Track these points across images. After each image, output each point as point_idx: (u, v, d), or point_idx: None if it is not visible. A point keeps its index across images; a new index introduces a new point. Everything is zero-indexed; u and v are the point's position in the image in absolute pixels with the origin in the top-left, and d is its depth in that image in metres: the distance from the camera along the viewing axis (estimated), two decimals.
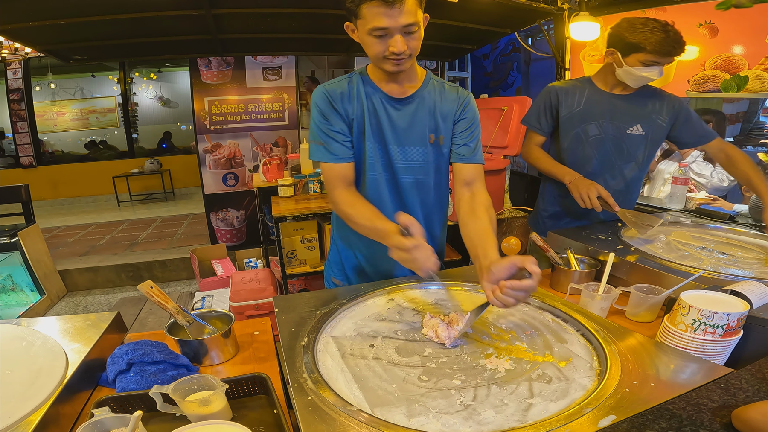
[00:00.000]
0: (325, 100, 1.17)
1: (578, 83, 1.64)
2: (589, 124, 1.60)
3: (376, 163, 1.22)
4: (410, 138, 1.21)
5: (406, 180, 1.24)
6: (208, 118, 4.22)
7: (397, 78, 1.17)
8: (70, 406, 0.77)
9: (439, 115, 1.21)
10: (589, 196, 1.44)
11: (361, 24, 1.05)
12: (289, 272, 2.72)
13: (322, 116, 1.17)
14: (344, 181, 1.19)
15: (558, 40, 3.13)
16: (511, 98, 3.05)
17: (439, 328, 0.90)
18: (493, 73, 6.84)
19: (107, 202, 7.38)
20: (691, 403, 0.63)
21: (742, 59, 2.29)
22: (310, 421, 0.65)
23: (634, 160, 1.63)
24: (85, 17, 2.78)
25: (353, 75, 1.21)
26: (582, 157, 1.63)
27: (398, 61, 1.07)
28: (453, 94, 1.23)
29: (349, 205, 1.15)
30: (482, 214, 1.12)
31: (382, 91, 1.18)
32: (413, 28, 1.03)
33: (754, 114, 3.77)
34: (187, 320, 0.99)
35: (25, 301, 3.45)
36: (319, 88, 1.18)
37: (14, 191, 3.58)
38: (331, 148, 1.17)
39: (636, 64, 1.44)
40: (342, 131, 1.18)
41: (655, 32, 1.38)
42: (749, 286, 0.95)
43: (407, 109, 1.19)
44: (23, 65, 6.65)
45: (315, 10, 3.09)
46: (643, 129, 1.59)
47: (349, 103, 1.17)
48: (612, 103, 1.58)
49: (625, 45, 1.45)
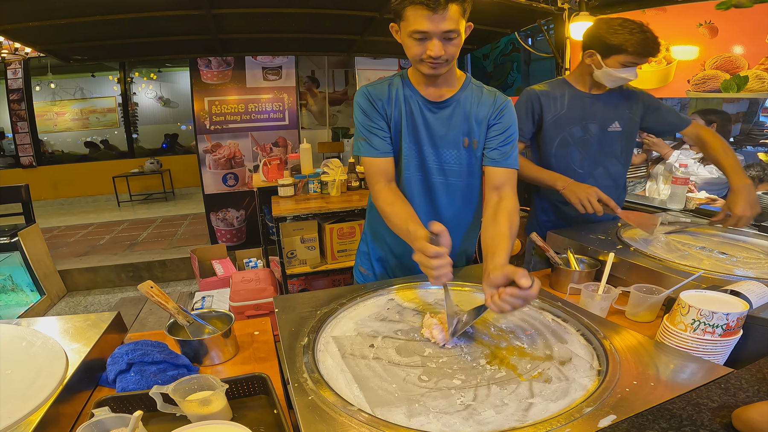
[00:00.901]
0: (366, 99, 1.23)
1: (557, 86, 1.63)
2: (574, 127, 1.60)
3: (410, 162, 1.26)
4: (445, 141, 1.24)
5: (438, 181, 1.28)
6: (208, 118, 4.22)
7: (436, 81, 1.20)
8: (70, 406, 0.77)
9: (474, 119, 1.23)
10: (590, 201, 1.43)
11: (403, 26, 1.09)
12: (289, 272, 2.72)
13: (364, 114, 1.23)
14: (385, 176, 1.23)
15: (558, 40, 3.13)
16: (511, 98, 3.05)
17: (434, 330, 0.90)
18: (493, 73, 6.84)
19: (107, 202, 7.38)
20: (691, 403, 0.63)
21: (742, 59, 2.29)
22: (311, 421, 0.65)
23: (616, 157, 1.66)
24: (85, 17, 2.78)
25: (394, 77, 1.26)
26: (571, 159, 1.63)
27: (435, 65, 1.11)
28: (490, 99, 1.25)
29: (388, 203, 1.17)
30: (503, 220, 1.12)
31: (420, 94, 1.22)
32: (453, 35, 1.06)
33: (754, 114, 3.78)
34: (187, 320, 0.99)
35: (25, 301, 3.45)
36: (361, 88, 1.25)
37: (14, 191, 3.58)
38: (372, 143, 1.22)
39: (616, 65, 1.45)
40: (382, 128, 1.23)
41: (635, 33, 1.38)
42: (749, 286, 0.95)
43: (443, 112, 1.23)
44: (23, 65, 6.64)
45: (315, 10, 3.09)
46: (620, 125, 1.61)
47: (388, 104, 1.23)
48: (592, 103, 1.59)
49: (606, 47, 1.44)
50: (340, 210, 2.66)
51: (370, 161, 1.23)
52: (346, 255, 2.78)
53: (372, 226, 1.44)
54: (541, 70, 5.99)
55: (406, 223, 1.07)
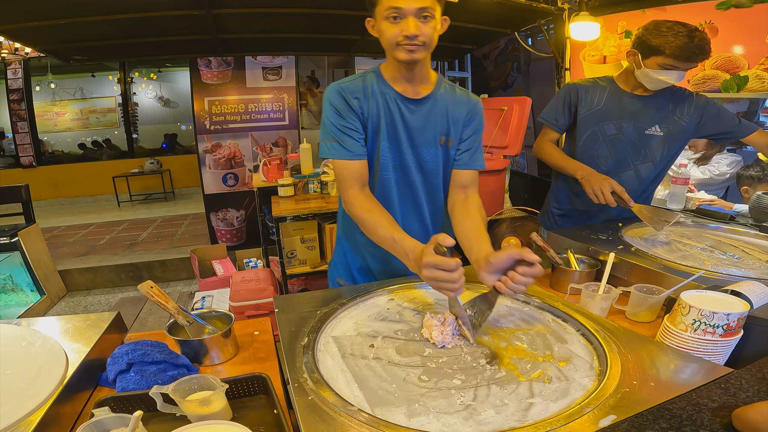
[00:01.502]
0: (339, 97, 1.15)
1: (600, 82, 1.63)
2: (607, 123, 1.58)
3: (388, 163, 1.21)
4: (423, 139, 1.21)
5: (417, 180, 1.25)
6: (208, 118, 4.22)
7: (411, 77, 1.17)
8: (70, 406, 0.77)
9: (450, 118, 1.22)
10: (603, 191, 1.41)
11: (378, 11, 1.07)
12: (289, 272, 2.72)
13: (336, 113, 1.16)
14: (359, 180, 1.17)
15: (558, 40, 3.13)
16: (511, 98, 3.05)
17: (433, 331, 0.90)
18: (493, 73, 6.84)
19: (107, 202, 7.38)
20: (691, 403, 0.63)
21: (742, 59, 2.29)
22: (311, 421, 0.65)
23: (651, 161, 1.62)
24: (85, 17, 2.78)
25: (367, 73, 1.20)
26: (597, 156, 1.61)
27: (411, 48, 1.07)
28: (464, 98, 1.24)
29: (365, 209, 1.12)
30: (476, 214, 1.16)
31: (396, 91, 1.18)
32: (427, 12, 1.04)
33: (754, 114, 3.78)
34: (187, 320, 0.99)
35: (25, 301, 3.45)
36: (332, 85, 1.17)
37: (14, 191, 3.58)
38: (345, 144, 1.15)
39: (654, 66, 1.43)
40: (356, 128, 1.16)
41: (679, 37, 1.36)
42: (749, 286, 0.95)
43: (421, 110, 1.19)
44: (23, 65, 6.65)
45: (315, 10, 3.09)
46: (661, 129, 1.57)
47: (365, 101, 1.16)
48: (632, 103, 1.57)
49: (646, 47, 1.43)
50: None
51: (342, 164, 1.16)
52: None
53: (349, 234, 1.36)
54: (541, 70, 5.98)
55: (390, 233, 1.03)
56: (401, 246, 0.99)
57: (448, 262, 0.86)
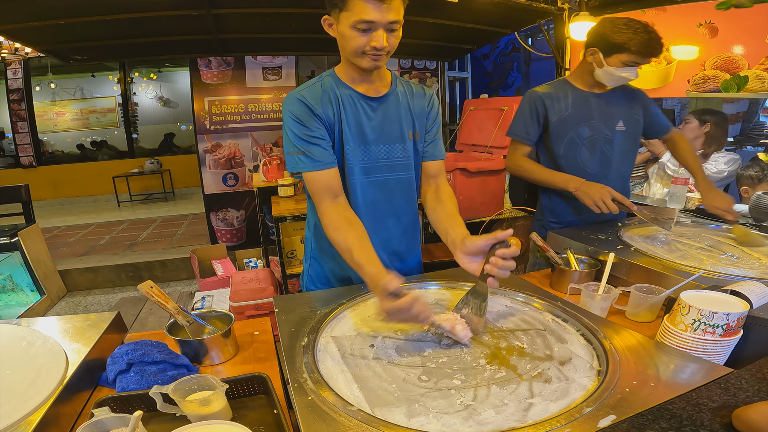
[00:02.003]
0: (301, 105, 1.12)
1: (559, 86, 1.63)
2: (581, 126, 1.59)
3: (355, 165, 1.18)
4: (391, 136, 1.21)
5: (390, 178, 1.24)
6: (208, 118, 4.22)
7: (370, 77, 1.17)
8: (70, 406, 0.77)
9: (413, 112, 1.23)
10: (604, 201, 1.41)
11: (345, 16, 1.03)
12: (289, 272, 2.72)
13: (298, 123, 1.12)
14: (330, 192, 1.12)
15: (558, 40, 3.13)
16: (511, 98, 3.05)
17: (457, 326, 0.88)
18: (493, 73, 6.84)
19: (107, 202, 7.39)
20: (691, 403, 0.63)
21: (742, 59, 2.29)
22: (310, 421, 0.65)
23: (624, 156, 1.66)
24: (85, 17, 2.78)
25: (322, 77, 1.18)
26: (581, 160, 1.62)
27: (376, 57, 1.07)
28: (420, 91, 1.26)
29: (334, 227, 1.08)
30: (447, 201, 1.22)
31: (356, 91, 1.17)
32: (396, 25, 1.05)
33: (754, 114, 3.78)
34: (187, 320, 0.99)
35: (25, 301, 3.45)
36: (290, 94, 1.14)
37: (14, 191, 3.58)
38: (313, 154, 1.11)
39: (617, 64, 1.45)
40: (322, 136, 1.13)
41: (639, 33, 1.39)
42: (749, 286, 0.95)
43: (384, 107, 1.20)
44: (23, 65, 6.65)
45: (315, 10, 3.09)
46: (625, 125, 1.62)
47: (328, 105, 1.14)
48: (596, 102, 1.59)
49: (609, 45, 1.44)
50: None
51: (312, 176, 1.12)
52: None
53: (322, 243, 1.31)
54: (541, 70, 5.99)
55: (357, 258, 0.99)
56: (364, 274, 0.97)
57: (401, 305, 0.85)
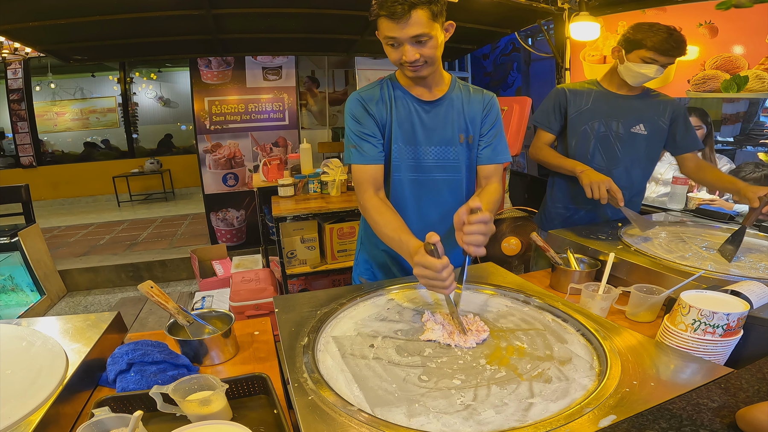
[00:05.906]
0: (358, 104, 1.23)
1: (586, 84, 1.72)
2: (595, 122, 1.66)
3: (401, 163, 1.27)
4: (442, 138, 1.27)
5: (439, 178, 1.29)
6: (208, 118, 4.22)
7: (424, 82, 1.23)
8: (70, 406, 0.77)
9: (467, 116, 1.27)
10: (599, 187, 1.47)
11: (378, 33, 1.14)
12: (289, 272, 2.72)
13: (355, 120, 1.24)
14: (374, 184, 1.23)
15: (558, 40, 3.13)
16: (511, 98, 3.04)
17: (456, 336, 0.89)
18: (493, 73, 6.84)
19: (107, 202, 7.38)
20: (691, 403, 0.63)
21: (742, 59, 2.29)
22: (310, 421, 0.65)
23: (638, 159, 1.68)
24: (85, 17, 2.78)
25: (384, 80, 1.28)
26: (588, 152, 1.68)
27: (414, 68, 1.13)
28: (478, 96, 1.30)
29: (379, 212, 1.17)
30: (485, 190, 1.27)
31: (410, 94, 1.24)
32: (423, 38, 1.08)
33: (754, 114, 3.77)
34: (187, 320, 0.99)
35: (25, 301, 3.45)
36: (353, 95, 1.26)
37: (14, 191, 3.58)
38: (362, 150, 1.22)
39: (636, 60, 1.52)
40: (374, 134, 1.23)
41: (658, 32, 1.47)
42: (749, 286, 0.95)
43: (437, 110, 1.26)
44: (23, 65, 6.65)
45: (315, 10, 3.09)
46: (646, 129, 1.65)
47: (383, 106, 1.23)
48: (618, 102, 1.65)
49: (629, 42, 1.53)
50: (340, 210, 2.66)
51: (359, 168, 1.23)
52: (346, 255, 2.78)
53: (369, 235, 1.42)
54: (541, 70, 5.98)
55: (398, 233, 1.07)
56: (406, 246, 1.02)
57: (435, 263, 0.88)
